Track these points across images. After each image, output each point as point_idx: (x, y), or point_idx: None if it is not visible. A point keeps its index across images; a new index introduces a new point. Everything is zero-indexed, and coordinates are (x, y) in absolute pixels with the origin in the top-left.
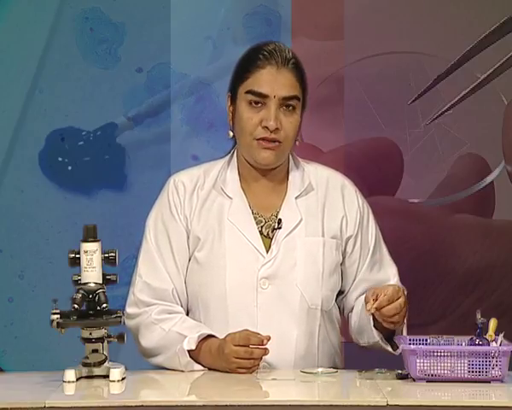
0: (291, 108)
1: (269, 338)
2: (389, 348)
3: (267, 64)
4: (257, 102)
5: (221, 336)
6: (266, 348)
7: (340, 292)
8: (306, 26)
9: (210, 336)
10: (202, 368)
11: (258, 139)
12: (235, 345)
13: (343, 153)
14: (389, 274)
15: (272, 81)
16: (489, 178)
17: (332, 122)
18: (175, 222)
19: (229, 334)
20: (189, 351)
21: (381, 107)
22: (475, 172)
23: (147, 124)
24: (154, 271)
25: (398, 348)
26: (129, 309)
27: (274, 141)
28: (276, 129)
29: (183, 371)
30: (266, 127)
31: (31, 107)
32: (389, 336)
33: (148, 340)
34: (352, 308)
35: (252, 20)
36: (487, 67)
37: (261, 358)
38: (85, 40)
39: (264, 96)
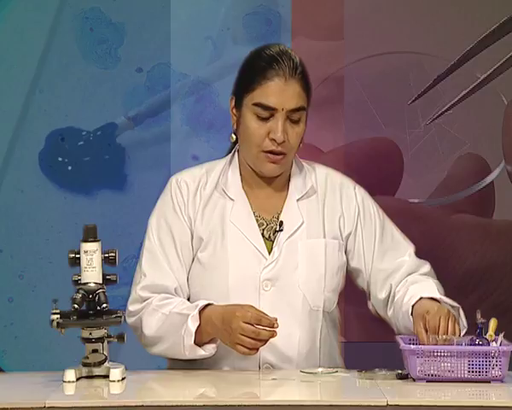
0: (297, 118)
1: (276, 320)
2: None
3: (275, 76)
4: (264, 114)
5: None
6: (274, 331)
7: (365, 294)
8: (306, 26)
9: (207, 305)
10: (204, 353)
11: (264, 151)
12: (245, 322)
13: (343, 153)
14: (404, 257)
15: (280, 94)
16: (489, 178)
17: (332, 122)
18: (179, 221)
19: (238, 307)
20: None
21: (380, 107)
22: (475, 172)
23: (147, 124)
24: (157, 269)
25: None
26: (131, 307)
27: (280, 153)
28: (283, 141)
29: (184, 364)
30: (273, 140)
31: (31, 107)
32: None
33: (150, 327)
34: (387, 305)
35: (252, 20)
36: (487, 67)
37: (266, 341)
38: (85, 40)
39: (272, 109)
